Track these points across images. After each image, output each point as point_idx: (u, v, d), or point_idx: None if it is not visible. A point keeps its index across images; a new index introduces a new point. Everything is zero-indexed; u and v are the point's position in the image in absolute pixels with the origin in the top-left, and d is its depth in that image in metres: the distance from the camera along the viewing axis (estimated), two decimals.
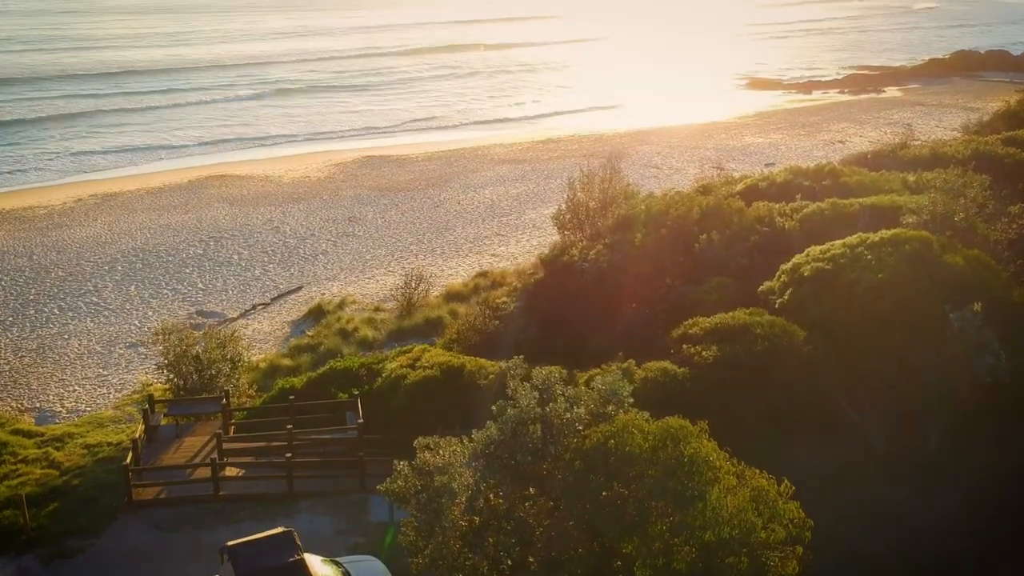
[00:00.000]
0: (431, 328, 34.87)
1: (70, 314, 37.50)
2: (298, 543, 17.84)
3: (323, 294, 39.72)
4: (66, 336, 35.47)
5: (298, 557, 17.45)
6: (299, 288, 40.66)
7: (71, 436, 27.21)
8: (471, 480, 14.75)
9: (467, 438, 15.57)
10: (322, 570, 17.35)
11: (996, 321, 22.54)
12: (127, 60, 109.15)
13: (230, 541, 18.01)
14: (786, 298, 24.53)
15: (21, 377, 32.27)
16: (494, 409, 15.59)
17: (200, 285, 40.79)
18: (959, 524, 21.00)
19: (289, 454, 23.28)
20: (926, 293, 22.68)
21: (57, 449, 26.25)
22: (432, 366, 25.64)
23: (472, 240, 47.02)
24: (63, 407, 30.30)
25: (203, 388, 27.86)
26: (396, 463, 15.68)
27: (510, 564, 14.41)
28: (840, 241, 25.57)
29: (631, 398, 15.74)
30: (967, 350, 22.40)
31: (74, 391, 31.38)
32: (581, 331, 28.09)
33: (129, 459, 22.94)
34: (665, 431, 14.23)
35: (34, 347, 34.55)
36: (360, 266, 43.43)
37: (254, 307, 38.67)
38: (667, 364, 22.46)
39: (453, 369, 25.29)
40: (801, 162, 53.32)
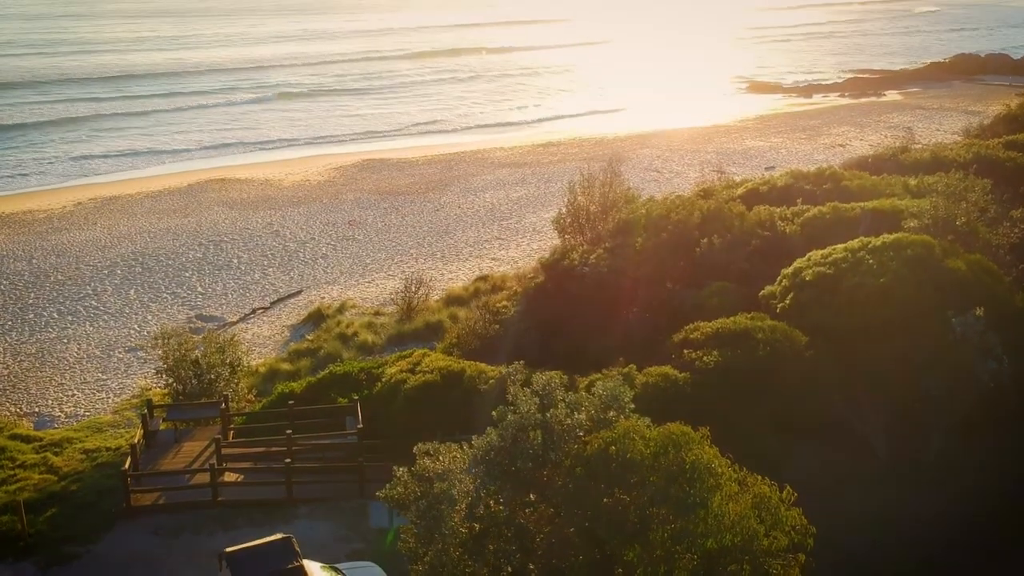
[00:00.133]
0: (431, 332, 34.77)
1: (69, 318, 37.41)
2: (297, 549, 17.76)
3: (323, 298, 39.62)
4: (65, 340, 35.37)
5: (297, 563, 17.37)
6: (299, 292, 40.57)
7: (69, 441, 27.09)
8: (471, 487, 14.64)
9: (467, 444, 15.46)
10: None
11: (998, 326, 22.52)
12: (128, 64, 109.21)
13: (229, 547, 17.94)
14: (787, 303, 24.48)
15: (20, 381, 32.17)
16: (494, 415, 15.48)
17: (200, 289, 40.70)
18: (961, 529, 20.93)
19: (288, 459, 23.19)
20: (928, 298, 22.64)
21: (55, 454, 26.14)
22: (432, 371, 25.54)
23: (472, 244, 46.93)
24: (62, 412, 30.19)
25: (202, 393, 27.75)
26: (396, 469, 15.58)
27: (511, 571, 14.30)
28: (841, 245, 25.53)
29: (632, 404, 15.63)
30: (969, 355, 22.37)
31: (73, 396, 31.27)
32: (581, 335, 28.00)
33: (128, 464, 22.84)
34: (666, 437, 14.12)
35: (33, 351, 34.45)
36: (360, 270, 43.34)
37: (254, 311, 38.57)
38: (668, 369, 22.37)
39: (453, 374, 25.19)
40: (802, 166, 53.26)
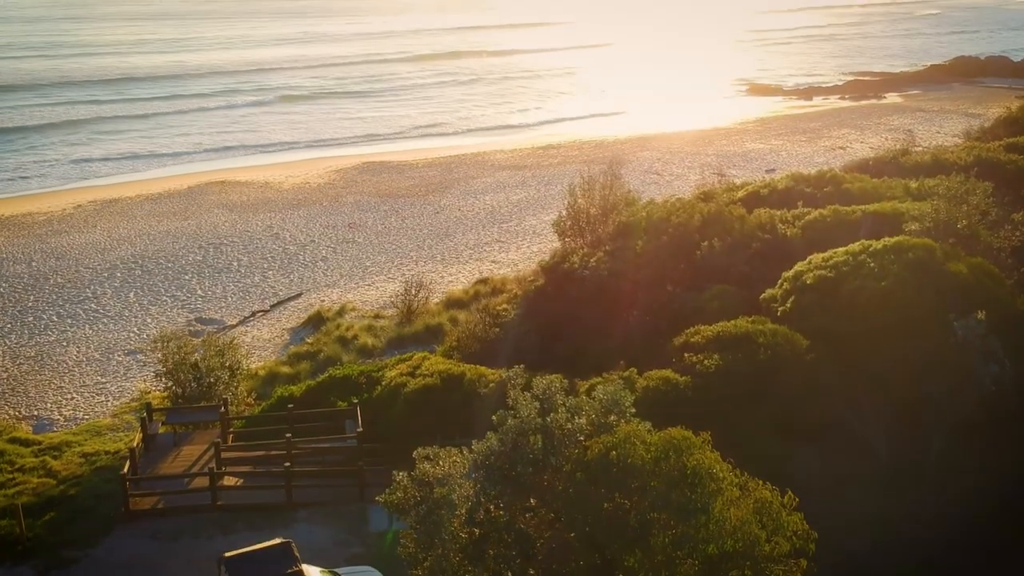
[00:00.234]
0: (431, 335, 34.70)
1: (68, 321, 37.35)
2: (296, 554, 17.69)
3: (323, 301, 39.55)
4: (64, 343, 35.31)
5: (296, 568, 17.30)
6: (299, 295, 40.51)
7: (68, 445, 27.03)
8: (471, 491, 14.56)
9: (467, 449, 15.39)
10: None
11: (1000, 329, 22.43)
12: (128, 66, 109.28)
13: (228, 552, 17.86)
14: (788, 306, 24.41)
15: (19, 385, 32.10)
16: (494, 419, 15.40)
17: (199, 292, 40.65)
18: (961, 531, 20.87)
19: (288, 463, 23.12)
20: (929, 301, 22.58)
21: (54, 458, 26.07)
22: (432, 374, 25.48)
23: (472, 246, 46.88)
24: (61, 415, 30.12)
25: (201, 396, 27.69)
26: (395, 474, 15.49)
27: None
28: (842, 249, 25.46)
29: (633, 408, 15.54)
30: (971, 358, 22.28)
31: (72, 399, 31.21)
32: (582, 339, 27.93)
33: (126, 468, 22.77)
34: (668, 442, 14.04)
35: (32, 354, 34.39)
36: (360, 273, 43.28)
37: (253, 314, 38.51)
38: (669, 373, 22.30)
39: (453, 377, 25.13)
40: (802, 168, 53.19)
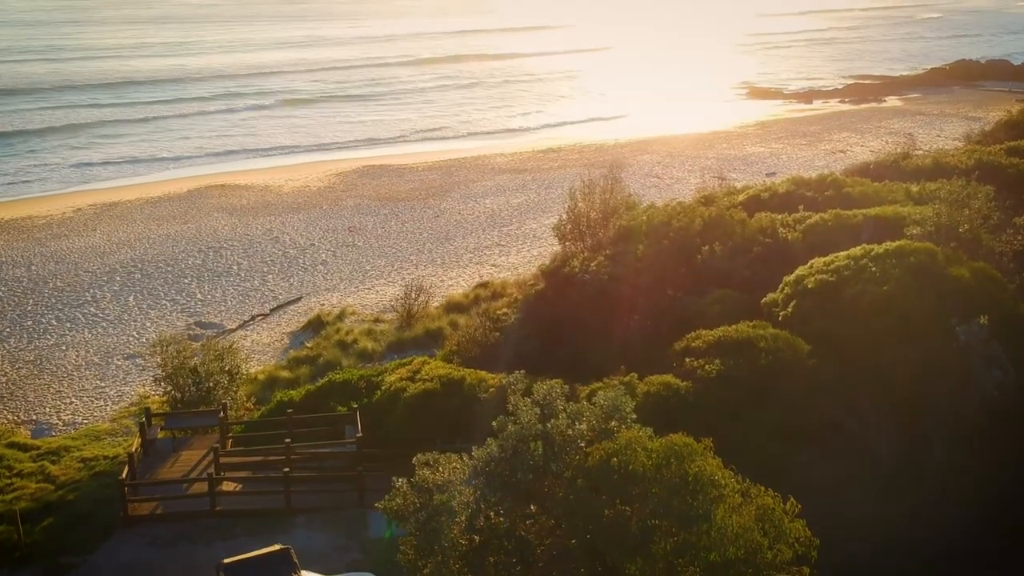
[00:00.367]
0: (431, 339, 34.62)
1: (68, 325, 37.27)
2: (295, 560, 17.62)
3: (322, 305, 39.48)
4: (63, 347, 35.23)
5: (296, 575, 17.22)
6: (298, 299, 40.43)
7: (67, 449, 26.94)
8: (471, 498, 14.47)
9: (467, 455, 15.29)
10: None
11: (1002, 334, 22.34)
12: (129, 70, 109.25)
13: (226, 558, 17.80)
14: (790, 311, 24.32)
15: (18, 389, 32.02)
16: (495, 425, 15.33)
17: (199, 296, 40.56)
18: (963, 536, 20.77)
19: (287, 468, 23.02)
20: (931, 306, 22.49)
21: (53, 463, 25.98)
22: (432, 379, 25.39)
23: (472, 250, 46.82)
24: (60, 420, 30.03)
25: (201, 401, 27.61)
26: (395, 480, 15.40)
27: None
28: (844, 253, 25.38)
29: (634, 414, 15.46)
30: (973, 363, 22.20)
31: (71, 403, 31.12)
32: (582, 343, 27.83)
33: (125, 473, 22.67)
34: (669, 448, 13.96)
35: (31, 358, 34.30)
36: (360, 276, 43.21)
37: (253, 318, 38.43)
38: (670, 378, 22.21)
39: (453, 382, 25.04)
40: (802, 172, 53.15)
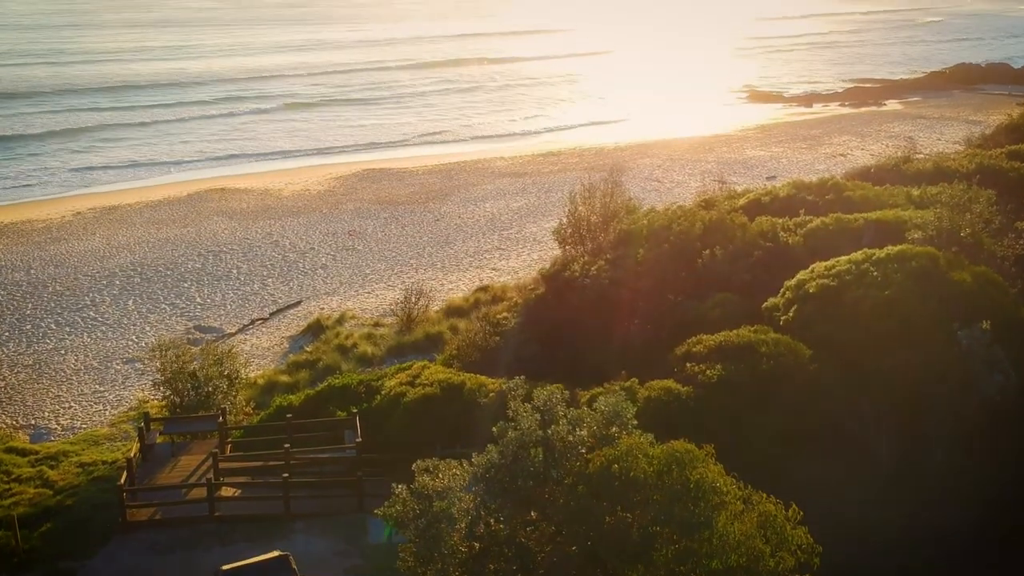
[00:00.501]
0: (431, 344, 34.54)
1: (67, 329, 37.18)
2: (294, 567, 17.45)
3: (322, 309, 39.41)
4: (63, 351, 35.14)
5: None
6: (298, 303, 40.35)
7: (66, 454, 26.83)
8: (471, 505, 14.37)
9: (467, 461, 15.20)
10: None
11: (1004, 338, 22.30)
12: (128, 74, 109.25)
13: (225, 565, 17.63)
14: (791, 315, 24.26)
15: (16, 393, 31.94)
16: (495, 431, 15.23)
17: (198, 299, 40.49)
18: (964, 541, 20.72)
19: (286, 474, 22.91)
20: (933, 310, 22.44)
21: (51, 468, 25.86)
22: (432, 383, 25.29)
23: (473, 254, 46.75)
24: (58, 424, 29.95)
25: (200, 405, 27.50)
26: (394, 486, 15.30)
27: None
28: (845, 257, 25.33)
29: (635, 420, 15.37)
30: (975, 368, 22.14)
31: (70, 408, 31.03)
32: (582, 348, 27.74)
33: (124, 479, 22.55)
34: (670, 455, 13.86)
35: (30, 363, 34.22)
36: (360, 280, 43.14)
37: (252, 322, 38.34)
38: (671, 383, 22.13)
39: (453, 387, 24.94)
40: (803, 176, 53.09)
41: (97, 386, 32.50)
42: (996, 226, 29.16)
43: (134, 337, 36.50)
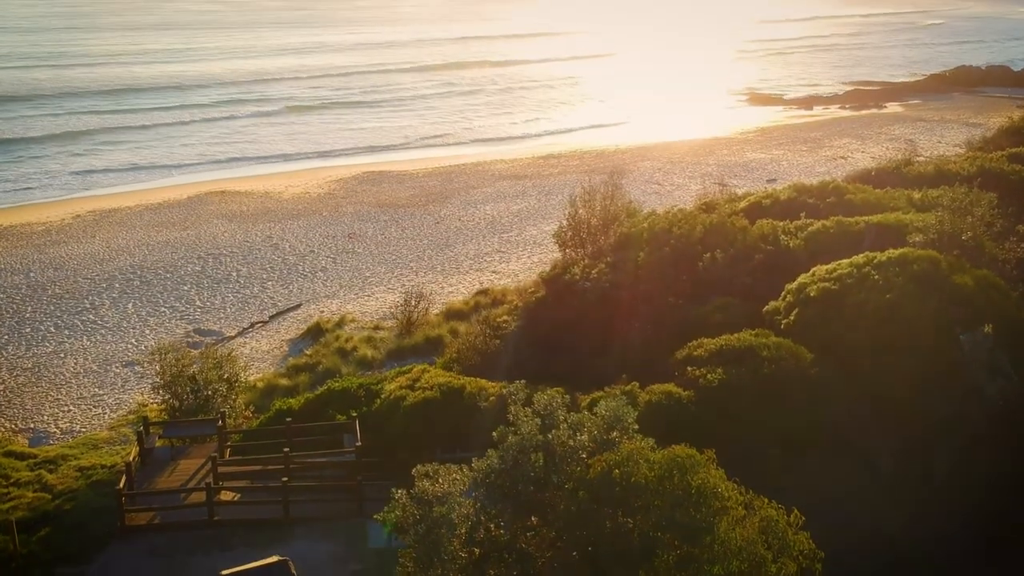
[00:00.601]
0: (431, 347, 34.46)
1: (66, 332, 37.11)
2: (293, 572, 17.37)
3: (322, 312, 39.33)
4: (62, 355, 35.07)
5: None
6: (298, 306, 40.28)
7: (64, 458, 26.75)
8: (471, 510, 14.28)
9: (467, 466, 15.11)
10: None
11: (1007, 343, 22.22)
12: (129, 76, 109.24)
13: (224, 570, 17.54)
14: (792, 319, 24.18)
15: (15, 397, 31.85)
16: (495, 435, 15.16)
17: (198, 303, 40.41)
18: (966, 546, 20.64)
19: (285, 478, 22.83)
20: (935, 314, 22.36)
21: (50, 472, 25.79)
22: (432, 387, 25.22)
23: (473, 257, 46.69)
24: (57, 428, 29.86)
25: (199, 409, 27.43)
26: (394, 491, 15.22)
27: None
28: (846, 261, 25.26)
29: (636, 424, 15.29)
30: (977, 372, 22.07)
31: (69, 411, 30.94)
32: (583, 351, 27.67)
33: (122, 483, 22.45)
34: (672, 460, 13.78)
35: (29, 366, 34.14)
36: (360, 283, 43.06)
37: (252, 325, 38.27)
38: (672, 387, 22.05)
39: (453, 390, 24.87)
40: (803, 178, 53.09)
41: (96, 389, 32.42)
42: (997, 229, 29.11)
43: (133, 340, 36.42)
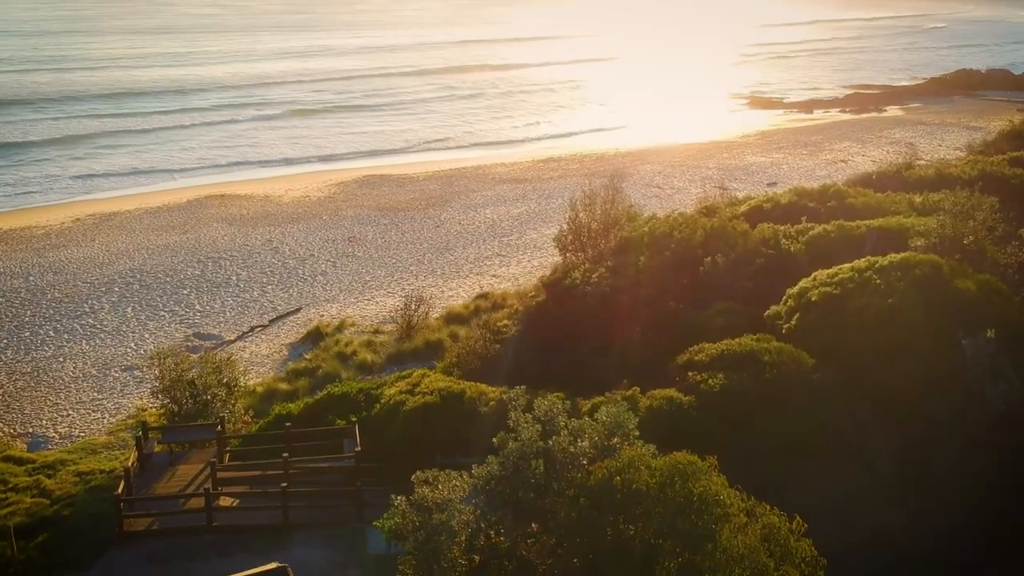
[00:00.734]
0: (431, 351, 34.35)
1: (65, 336, 37.01)
2: None
3: (322, 316, 39.23)
4: (61, 359, 34.97)
5: None
6: (298, 310, 40.18)
7: (63, 463, 26.62)
8: (471, 517, 14.20)
9: (467, 472, 15.02)
10: None
11: (1009, 348, 22.13)
12: (129, 80, 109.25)
13: None
14: (793, 323, 24.10)
15: (14, 401, 31.74)
16: (495, 442, 15.07)
17: (198, 307, 40.32)
18: (968, 551, 20.55)
19: (285, 483, 22.72)
20: (937, 319, 22.28)
21: (48, 477, 25.66)
22: (431, 392, 25.12)
23: (473, 261, 46.60)
24: (56, 432, 29.75)
25: (198, 414, 27.32)
26: (393, 498, 15.13)
27: None
28: (848, 265, 25.18)
29: (637, 431, 15.21)
30: (979, 377, 21.97)
31: (68, 416, 30.84)
32: (583, 356, 27.58)
33: (121, 488, 22.36)
34: (673, 467, 13.70)
35: (28, 370, 34.03)
36: (360, 287, 42.97)
37: (252, 329, 38.17)
38: (673, 392, 21.95)
39: (453, 395, 24.77)
40: (804, 182, 53.00)
41: (95, 394, 32.32)
42: (999, 233, 29.04)
43: (133, 344, 36.32)
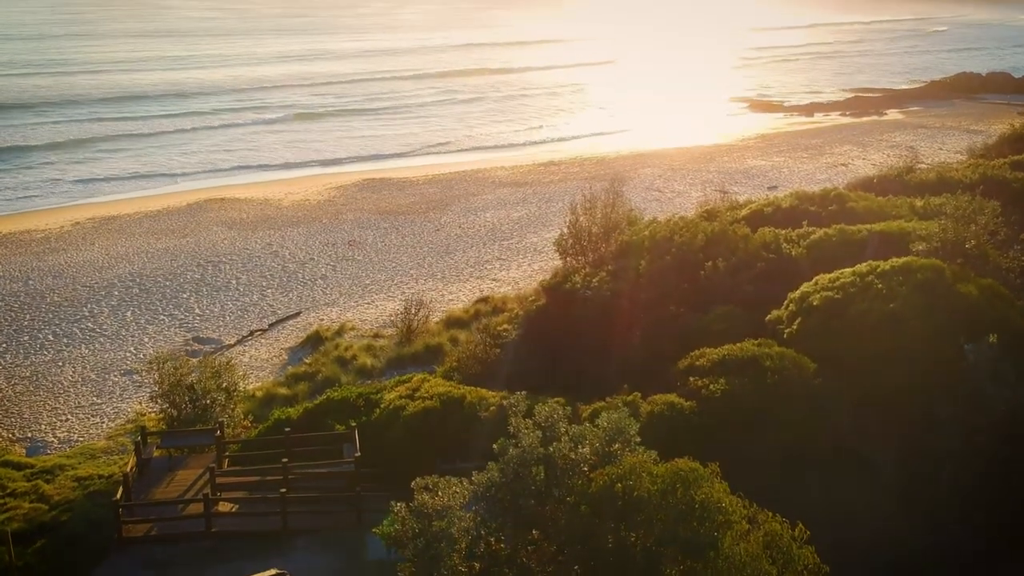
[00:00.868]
0: (431, 355, 34.26)
1: (64, 340, 36.92)
2: None
3: (322, 320, 39.15)
4: (60, 363, 34.88)
5: None
6: (297, 314, 40.10)
7: (62, 468, 26.55)
8: (471, 524, 14.08)
9: (467, 479, 14.91)
10: None
11: (1012, 353, 22.00)
12: (130, 84, 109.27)
13: None
14: (795, 328, 24.00)
15: (13, 406, 31.66)
16: (495, 448, 14.96)
17: (197, 311, 40.24)
18: (970, 556, 20.44)
19: (284, 489, 22.61)
20: (939, 324, 22.17)
21: (47, 482, 25.58)
22: (431, 397, 25.01)
23: (473, 264, 46.52)
24: (55, 437, 29.66)
25: (197, 419, 27.20)
26: (393, 504, 15.02)
27: None
28: (849, 269, 25.09)
29: (638, 437, 15.09)
30: (982, 382, 21.85)
31: (67, 420, 30.75)
32: (584, 360, 27.48)
33: (119, 494, 22.25)
34: (674, 474, 13.59)
35: (27, 374, 33.95)
36: (359, 291, 42.89)
37: (251, 333, 38.08)
38: (674, 397, 21.84)
39: (453, 400, 24.65)
40: (804, 185, 53.00)
41: (94, 398, 32.23)
42: (1001, 237, 28.96)
43: (132, 349, 36.24)
